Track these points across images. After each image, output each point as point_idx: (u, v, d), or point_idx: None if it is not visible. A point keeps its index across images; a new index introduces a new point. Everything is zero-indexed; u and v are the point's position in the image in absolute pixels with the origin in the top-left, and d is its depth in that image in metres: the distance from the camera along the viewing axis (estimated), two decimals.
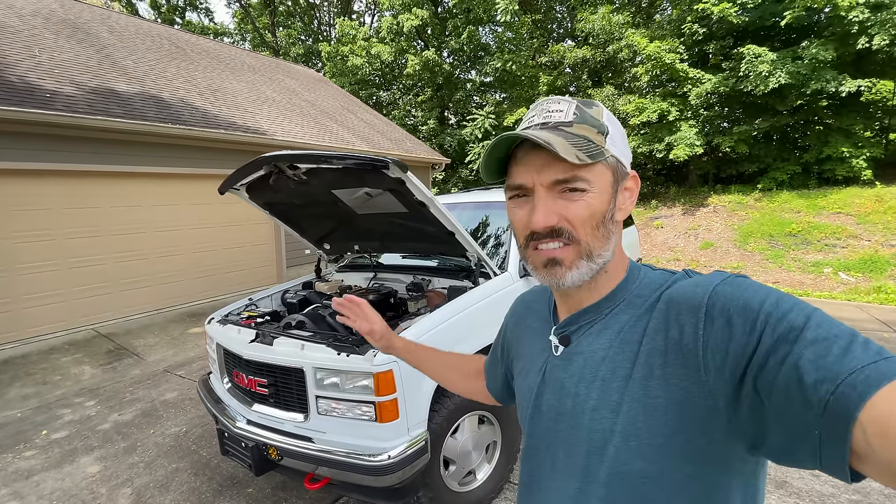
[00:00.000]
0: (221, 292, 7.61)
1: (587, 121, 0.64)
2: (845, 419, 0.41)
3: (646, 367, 0.59)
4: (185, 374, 4.51)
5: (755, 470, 0.60)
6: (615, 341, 0.64)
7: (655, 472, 0.58)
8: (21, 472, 3.00)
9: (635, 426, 0.59)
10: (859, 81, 9.50)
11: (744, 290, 0.54)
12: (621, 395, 0.61)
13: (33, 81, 5.68)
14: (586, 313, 0.69)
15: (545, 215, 0.63)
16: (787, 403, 0.46)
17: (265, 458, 2.14)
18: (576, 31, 15.26)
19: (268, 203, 2.89)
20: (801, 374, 0.44)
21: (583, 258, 0.64)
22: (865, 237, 8.54)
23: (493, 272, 2.62)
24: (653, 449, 0.57)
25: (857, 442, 0.41)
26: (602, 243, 0.64)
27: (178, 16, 26.52)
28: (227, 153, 7.30)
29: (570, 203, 0.63)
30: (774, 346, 0.48)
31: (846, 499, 2.43)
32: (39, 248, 5.65)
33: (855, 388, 0.41)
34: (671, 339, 0.58)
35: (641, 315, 0.63)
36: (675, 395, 0.56)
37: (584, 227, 0.63)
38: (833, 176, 10.54)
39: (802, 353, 0.45)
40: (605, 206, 0.64)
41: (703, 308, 0.55)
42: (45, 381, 4.42)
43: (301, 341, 2.13)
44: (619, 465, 0.60)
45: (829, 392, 0.42)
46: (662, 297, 0.62)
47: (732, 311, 0.52)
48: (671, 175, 14.87)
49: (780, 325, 0.48)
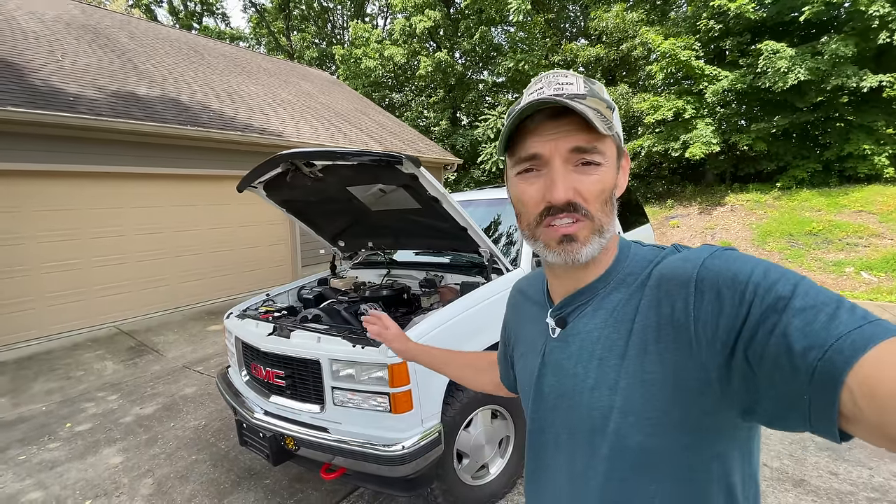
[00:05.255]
0: (238, 291, 7.73)
1: (596, 95, 0.64)
2: (833, 384, 0.42)
3: (640, 344, 0.60)
4: (203, 370, 4.61)
5: (749, 434, 0.61)
6: (609, 320, 0.65)
7: (654, 445, 0.59)
8: (45, 462, 3.10)
9: (633, 402, 0.60)
10: (881, 77, 9.28)
11: (732, 263, 0.55)
12: (618, 373, 0.62)
13: (56, 85, 5.85)
14: (581, 294, 0.70)
15: (564, 188, 0.61)
16: (777, 372, 0.47)
17: (282, 449, 2.18)
18: (589, 30, 15.19)
19: (284, 201, 2.95)
20: (790, 343, 0.45)
21: (595, 234, 0.63)
22: (888, 236, 8.33)
23: (505, 268, 2.63)
24: (651, 423, 0.59)
25: (845, 405, 0.42)
26: (610, 218, 0.65)
27: (195, 21, 27.00)
28: (243, 155, 7.43)
29: (585, 177, 0.62)
30: (763, 316, 0.48)
31: (864, 496, 2.39)
32: (63, 248, 5.82)
33: (842, 353, 0.42)
34: (663, 315, 0.59)
35: (633, 293, 0.64)
36: (669, 369, 0.57)
37: (597, 201, 0.63)
38: (854, 174, 10.31)
39: (791, 321, 0.46)
40: (612, 182, 0.64)
41: (693, 282, 0.56)
42: (69, 377, 4.55)
43: (317, 334, 2.17)
44: (620, 439, 0.61)
45: (816, 358, 0.43)
46: (653, 274, 0.63)
47: (721, 284, 0.53)
48: (687, 174, 14.69)
49: (769, 296, 0.49)
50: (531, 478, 0.80)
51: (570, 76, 0.65)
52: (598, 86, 0.66)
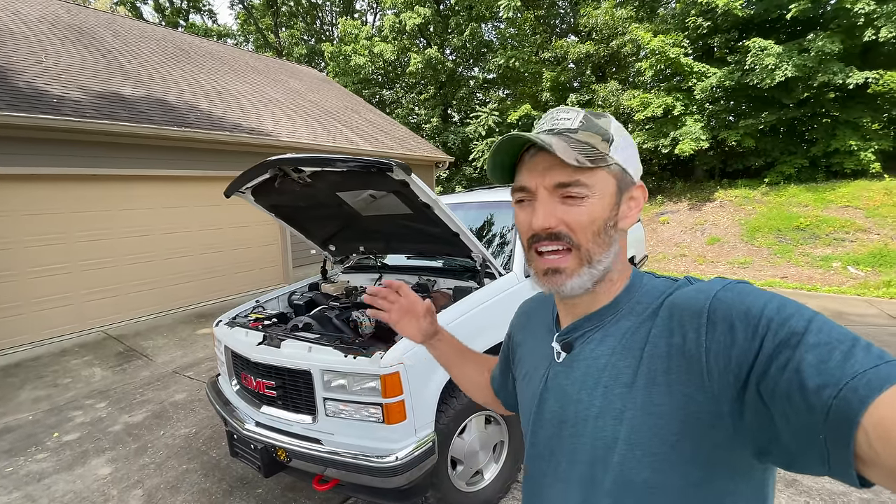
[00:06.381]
0: (229, 293, 7.66)
1: (592, 128, 0.66)
2: (848, 424, 0.41)
3: (648, 374, 0.59)
4: (193, 376, 4.56)
5: (763, 477, 0.59)
6: (617, 348, 0.64)
7: (662, 481, 0.58)
8: (33, 474, 3.04)
9: (640, 434, 0.58)
10: (866, 73, 9.39)
11: (745, 296, 0.54)
12: (624, 403, 0.60)
13: (41, 87, 5.73)
14: (589, 320, 0.69)
15: (544, 217, 0.64)
16: (790, 409, 0.45)
17: (274, 460, 2.16)
18: (579, 27, 15.17)
19: (273, 206, 2.91)
20: (804, 379, 0.44)
21: (583, 265, 0.64)
22: (875, 231, 8.45)
23: (498, 272, 2.62)
24: (659, 458, 0.57)
25: (860, 447, 0.41)
26: (602, 249, 0.65)
27: (181, 18, 26.63)
28: (232, 155, 7.34)
29: (571, 208, 0.64)
30: (776, 351, 0.48)
31: (857, 497, 2.42)
32: (49, 252, 5.71)
33: (857, 393, 0.41)
34: (674, 345, 0.58)
35: (644, 321, 0.63)
36: (678, 401, 0.56)
37: (585, 232, 0.64)
38: (841, 169, 10.43)
39: (804, 357, 0.45)
40: (607, 213, 0.64)
41: (706, 313, 0.55)
42: (56, 384, 4.48)
43: (308, 343, 2.14)
44: (625, 473, 0.59)
45: (831, 397, 0.42)
46: (665, 304, 0.62)
47: (734, 317, 0.53)
48: (677, 170, 14.76)
49: (782, 331, 0.48)
50: (528, 498, 0.78)
51: (571, 112, 0.68)
52: (602, 120, 0.67)
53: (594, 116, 0.67)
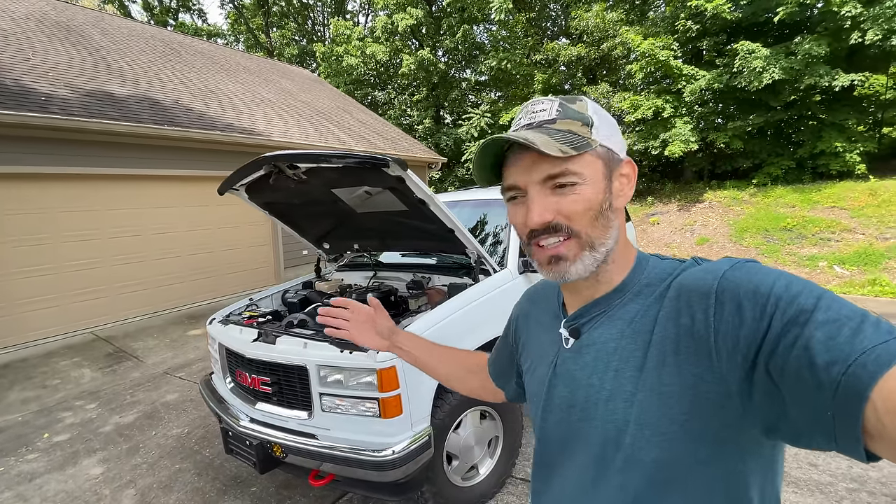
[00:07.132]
0: (219, 294, 7.60)
1: (570, 115, 0.65)
2: (857, 399, 0.41)
3: (658, 356, 0.59)
4: (185, 376, 4.52)
5: (772, 454, 0.60)
6: (626, 331, 0.64)
7: (671, 459, 0.58)
8: (24, 474, 3.00)
9: (649, 415, 0.59)
10: (852, 76, 9.55)
11: (753, 275, 0.54)
12: (635, 385, 0.61)
13: (28, 85, 5.66)
14: (596, 305, 0.69)
15: (539, 212, 0.64)
16: (799, 386, 0.46)
17: (270, 456, 2.15)
18: (570, 29, 15.28)
19: (267, 203, 2.90)
20: (813, 356, 0.44)
21: (585, 250, 0.64)
22: (860, 230, 8.60)
23: (492, 269, 2.63)
24: (668, 437, 0.58)
25: (869, 421, 0.41)
26: (603, 232, 0.65)
27: (171, 17, 26.39)
28: (223, 155, 7.29)
29: (564, 198, 0.64)
30: (785, 329, 0.48)
31: (843, 487, 2.47)
32: (36, 252, 5.63)
33: (866, 368, 0.41)
34: (683, 326, 0.58)
35: (652, 304, 0.63)
36: (687, 381, 0.56)
37: (581, 219, 0.64)
38: (827, 170, 10.59)
39: (813, 334, 0.45)
40: (601, 196, 0.65)
41: (714, 294, 0.55)
42: (45, 385, 4.42)
43: (304, 339, 2.14)
44: (635, 452, 0.60)
45: (840, 373, 0.42)
46: (672, 285, 0.62)
47: (742, 296, 0.53)
48: (666, 171, 14.92)
49: (790, 309, 0.48)
50: (540, 489, 0.78)
51: (546, 102, 0.67)
52: (578, 104, 0.67)
53: (569, 102, 0.67)
